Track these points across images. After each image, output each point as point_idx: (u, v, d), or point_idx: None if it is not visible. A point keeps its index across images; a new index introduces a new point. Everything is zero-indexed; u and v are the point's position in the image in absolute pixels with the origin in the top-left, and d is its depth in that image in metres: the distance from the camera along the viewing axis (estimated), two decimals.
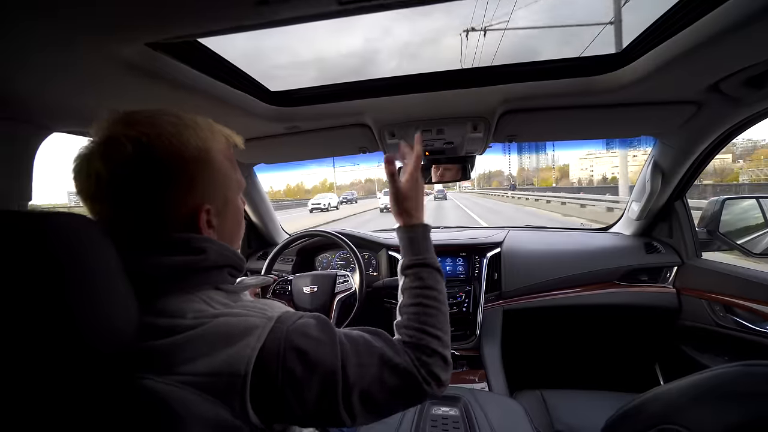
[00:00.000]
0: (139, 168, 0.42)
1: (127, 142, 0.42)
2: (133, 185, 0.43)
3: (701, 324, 1.29)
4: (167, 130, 0.44)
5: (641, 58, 0.79)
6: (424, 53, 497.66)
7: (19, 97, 0.66)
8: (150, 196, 0.44)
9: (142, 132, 0.43)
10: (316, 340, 0.44)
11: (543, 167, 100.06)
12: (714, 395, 0.40)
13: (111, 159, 0.42)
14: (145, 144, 0.42)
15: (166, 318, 0.41)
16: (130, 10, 0.46)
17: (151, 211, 0.44)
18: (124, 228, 0.44)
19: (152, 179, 0.43)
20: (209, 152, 0.48)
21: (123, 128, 0.43)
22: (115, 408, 0.36)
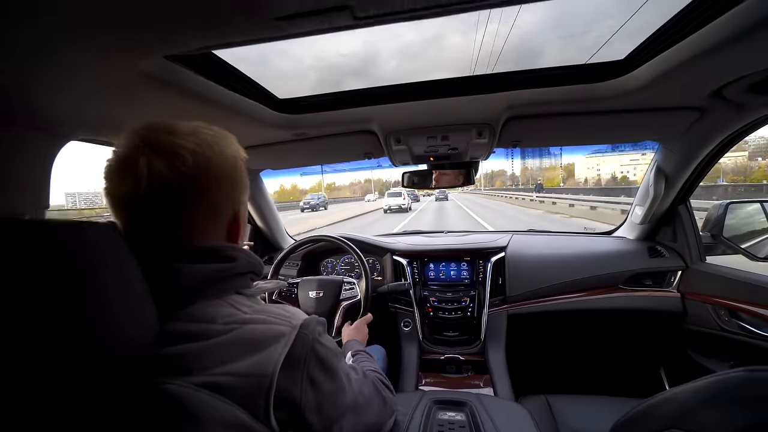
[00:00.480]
0: (200, 176, 0.45)
1: (185, 152, 0.44)
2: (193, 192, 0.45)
3: (706, 329, 1.29)
4: (212, 141, 0.47)
5: (644, 66, 0.80)
6: (428, 53, 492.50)
7: (38, 105, 0.67)
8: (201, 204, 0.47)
9: (195, 143, 0.45)
10: (330, 349, 0.49)
11: (546, 167, 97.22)
12: (719, 400, 0.40)
13: (175, 167, 0.44)
14: (201, 154, 0.45)
15: (196, 323, 0.43)
16: (151, 26, 0.48)
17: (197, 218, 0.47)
18: (162, 235, 0.45)
19: (207, 187, 0.46)
20: (240, 161, 0.52)
21: (175, 138, 0.45)
22: (133, 413, 0.37)
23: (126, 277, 0.37)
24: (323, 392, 0.46)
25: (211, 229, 0.49)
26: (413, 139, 1.14)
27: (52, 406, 0.32)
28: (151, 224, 0.45)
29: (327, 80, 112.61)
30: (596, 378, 1.59)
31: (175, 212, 0.45)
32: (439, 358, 1.45)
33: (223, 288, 0.47)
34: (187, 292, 0.44)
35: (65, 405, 0.33)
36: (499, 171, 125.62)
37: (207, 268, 0.45)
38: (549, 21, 62.12)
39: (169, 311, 0.42)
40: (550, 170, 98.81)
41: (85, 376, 0.33)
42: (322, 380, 0.46)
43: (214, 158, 0.46)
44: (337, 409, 0.49)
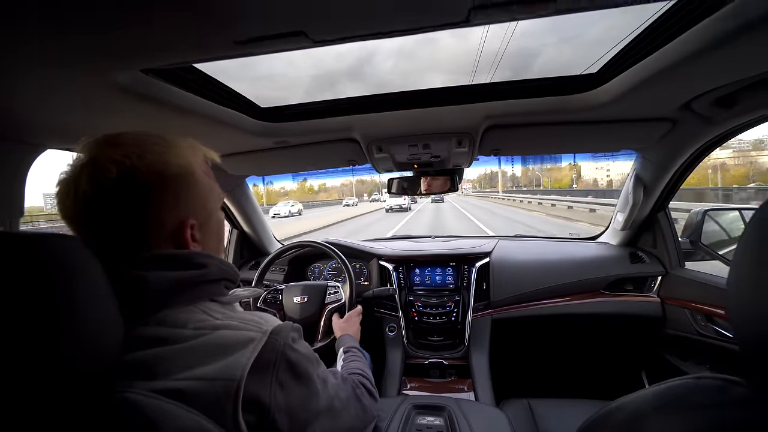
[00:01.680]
0: (124, 188, 0.45)
1: (111, 165, 0.44)
2: (119, 204, 0.45)
3: (684, 333, 1.31)
4: (150, 150, 0.47)
5: (615, 79, 0.82)
6: (421, 53, 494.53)
7: (14, 116, 0.68)
8: (136, 214, 0.46)
9: (125, 154, 0.45)
10: (303, 354, 0.50)
11: (549, 167, 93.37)
12: (669, 406, 0.42)
13: (97, 181, 0.44)
14: (128, 165, 0.45)
15: (167, 328, 0.43)
16: (126, 41, 0.49)
17: (138, 227, 0.46)
18: (112, 246, 0.45)
19: (136, 198, 0.46)
20: (190, 167, 0.51)
21: (108, 150, 0.45)
22: (96, 421, 0.37)
23: (94, 285, 0.38)
24: (294, 396, 0.47)
25: (155, 240, 0.48)
26: (395, 147, 1.15)
27: (24, 415, 0.33)
28: (99, 238, 0.45)
29: (320, 84, 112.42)
30: (579, 382, 1.61)
31: (110, 226, 0.46)
32: (423, 362, 1.46)
33: (194, 295, 0.48)
34: (156, 297, 0.44)
35: (30, 414, 0.33)
36: (497, 173, 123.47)
37: (175, 275, 0.45)
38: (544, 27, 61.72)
39: (137, 317, 0.43)
40: (557, 170, 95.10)
41: (57, 387, 0.34)
42: (292, 385, 0.47)
43: (146, 169, 0.45)
44: (310, 414, 0.49)
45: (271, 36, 0.45)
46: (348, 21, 0.45)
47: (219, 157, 0.58)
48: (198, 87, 0.76)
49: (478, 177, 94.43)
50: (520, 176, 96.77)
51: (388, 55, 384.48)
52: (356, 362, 0.84)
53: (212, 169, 0.58)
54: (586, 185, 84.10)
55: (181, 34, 0.46)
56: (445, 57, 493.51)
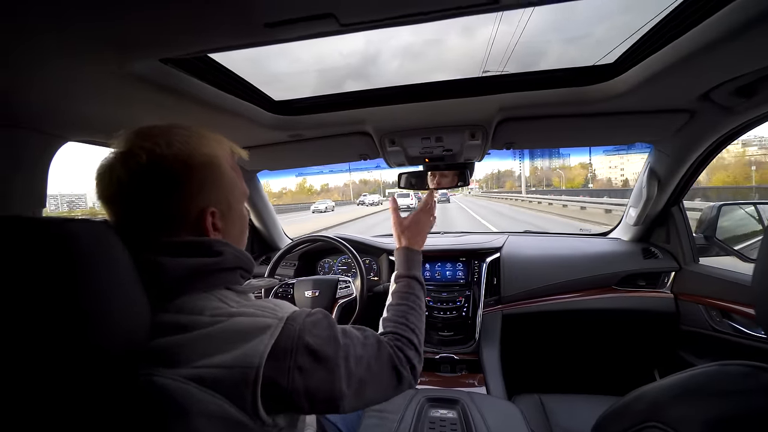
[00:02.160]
0: (152, 174, 0.47)
1: (141, 152, 0.47)
2: (147, 189, 0.47)
3: (698, 329, 1.30)
4: (177, 140, 0.49)
5: (632, 69, 0.82)
6: (429, 54, 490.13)
7: (36, 107, 0.69)
8: (161, 198, 0.48)
9: (155, 142, 0.48)
10: (323, 338, 0.49)
11: (556, 166, 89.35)
12: (693, 393, 0.41)
13: (129, 167, 0.47)
14: (157, 153, 0.47)
15: (186, 315, 0.44)
16: (146, 29, 0.49)
17: (164, 212, 0.48)
18: (139, 229, 0.48)
19: (163, 183, 0.48)
20: (216, 159, 0.52)
21: (139, 140, 0.48)
22: (124, 404, 0.38)
23: (119, 269, 0.38)
24: (315, 380, 0.47)
25: (178, 225, 0.49)
26: (407, 140, 1.15)
27: (50, 398, 0.33)
28: (128, 221, 0.48)
29: (328, 81, 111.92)
30: (590, 378, 1.60)
31: (139, 209, 0.48)
32: (433, 357, 1.46)
33: (211, 282, 0.48)
34: (174, 284, 0.45)
35: (61, 397, 0.34)
36: (507, 171, 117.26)
37: (192, 262, 0.47)
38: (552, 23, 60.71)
39: (158, 303, 0.44)
40: (566, 170, 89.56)
41: (83, 370, 0.34)
42: (313, 369, 0.47)
43: (172, 157, 0.48)
44: (334, 393, 0.49)
45: (301, 18, 0.45)
46: (376, 3, 0.45)
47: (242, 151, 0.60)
48: (215, 78, 0.76)
49: (485, 176, 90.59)
50: (528, 176, 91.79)
51: (394, 54, 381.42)
52: (406, 307, 0.68)
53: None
54: (600, 185, 78.66)
55: (208, 20, 0.47)
56: (451, 57, 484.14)
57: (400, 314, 0.67)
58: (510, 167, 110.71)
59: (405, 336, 0.63)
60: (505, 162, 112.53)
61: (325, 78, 75.67)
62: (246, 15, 0.45)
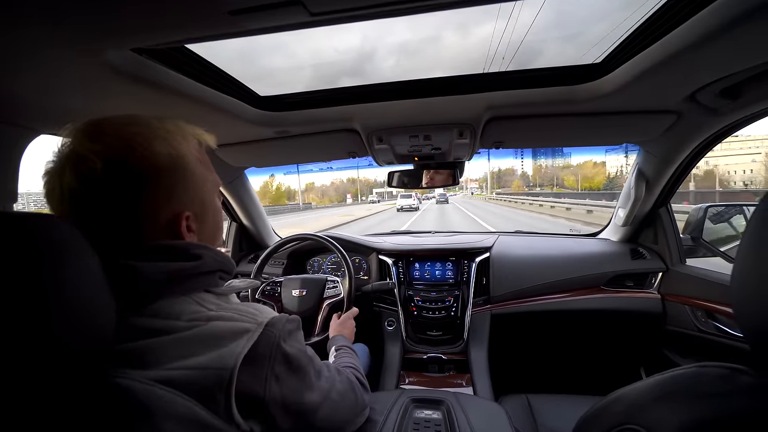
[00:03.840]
0: (111, 182, 0.42)
1: (96, 159, 0.41)
2: (107, 199, 0.43)
3: (684, 329, 1.31)
4: (136, 142, 0.43)
5: (619, 69, 0.81)
6: (425, 51, 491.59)
7: (8, 99, 0.67)
8: (127, 208, 0.44)
9: (110, 146, 0.42)
10: (298, 348, 0.49)
11: (560, 164, 77.86)
12: (671, 395, 0.41)
13: (81, 174, 0.41)
14: (115, 159, 0.42)
15: (161, 319, 0.42)
16: (111, 17, 0.47)
17: (130, 221, 0.44)
18: (104, 238, 0.43)
19: (126, 192, 0.43)
20: (182, 158, 0.48)
21: (89, 143, 0.42)
22: (89, 405, 0.37)
23: (87, 268, 0.37)
24: (290, 389, 0.46)
25: (148, 232, 0.45)
26: (395, 138, 1.14)
27: (18, 398, 0.32)
28: (88, 230, 0.41)
29: (322, 78, 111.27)
30: (578, 378, 1.61)
31: (100, 218, 0.43)
32: (421, 357, 1.45)
33: (189, 286, 0.46)
34: (150, 289, 0.43)
35: (30, 397, 0.33)
36: (508, 170, 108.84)
37: (169, 266, 0.44)
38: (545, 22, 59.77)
39: (131, 307, 0.42)
40: (580, 167, 75.79)
41: (44, 366, 0.33)
42: (288, 378, 0.46)
43: (134, 161, 0.43)
44: (306, 406, 0.49)
45: (266, 6, 0.43)
46: None
47: (217, 146, 0.57)
48: (195, 71, 0.74)
49: (483, 175, 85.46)
50: (532, 174, 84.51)
51: (390, 51, 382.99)
52: (347, 358, 0.84)
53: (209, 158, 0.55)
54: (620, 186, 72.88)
55: (171, 6, 0.45)
56: (448, 56, 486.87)
57: (345, 362, 0.81)
58: (510, 165, 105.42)
59: (356, 368, 0.77)
60: (506, 161, 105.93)
61: (319, 74, 74.68)
62: (209, 1, 0.43)
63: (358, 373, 0.73)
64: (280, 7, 0.44)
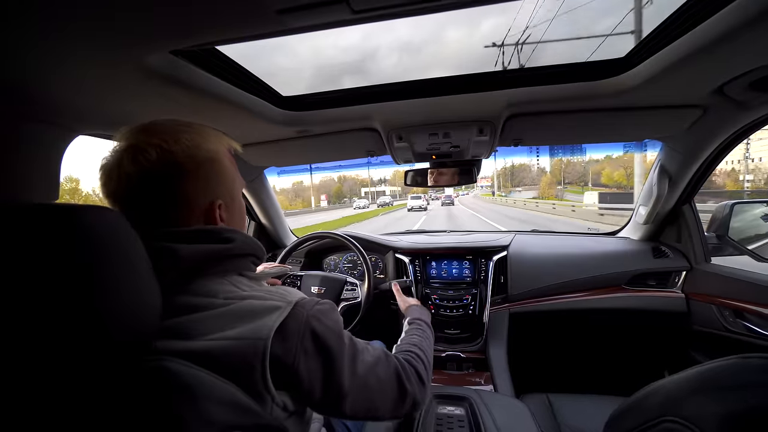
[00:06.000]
0: (162, 169, 0.49)
1: (150, 148, 0.48)
2: (158, 183, 0.49)
3: (711, 329, 1.28)
4: (183, 137, 0.51)
5: (644, 63, 0.80)
6: (427, 50, 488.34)
7: (49, 100, 0.70)
8: (172, 192, 0.50)
9: (162, 139, 0.49)
10: (328, 327, 0.51)
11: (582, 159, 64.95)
12: (710, 387, 0.41)
13: (138, 162, 0.48)
14: (166, 149, 0.49)
15: (202, 297, 0.47)
16: (158, 20, 0.49)
17: (173, 205, 0.50)
18: (149, 222, 0.49)
19: (173, 177, 0.50)
20: (218, 155, 0.55)
21: (145, 137, 0.49)
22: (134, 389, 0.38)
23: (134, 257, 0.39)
24: (316, 367, 0.48)
25: (187, 217, 0.51)
26: (415, 136, 1.15)
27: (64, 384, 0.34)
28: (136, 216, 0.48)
29: (327, 76, 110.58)
30: (599, 378, 1.58)
31: (148, 204, 0.49)
32: (440, 355, 1.46)
33: (224, 268, 0.51)
34: (190, 268, 0.47)
35: (73, 384, 0.35)
36: (521, 166, 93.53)
37: (205, 248, 0.49)
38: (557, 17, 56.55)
39: (174, 286, 0.46)
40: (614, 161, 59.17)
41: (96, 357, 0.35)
42: (316, 355, 0.48)
43: (180, 152, 0.49)
44: (333, 389, 0.50)
45: (313, 4, 0.45)
46: None
47: (241, 147, 0.62)
48: (225, 72, 0.77)
49: (498, 172, 77.53)
50: (551, 170, 74.15)
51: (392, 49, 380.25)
52: (417, 337, 0.78)
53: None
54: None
55: (220, 8, 0.47)
56: (449, 53, 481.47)
57: (413, 341, 0.76)
58: (524, 162, 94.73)
59: (416, 353, 0.69)
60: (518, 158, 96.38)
61: (322, 71, 74.39)
62: (258, 1, 0.45)
63: (418, 362, 0.66)
64: (326, 5, 0.46)
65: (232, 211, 0.58)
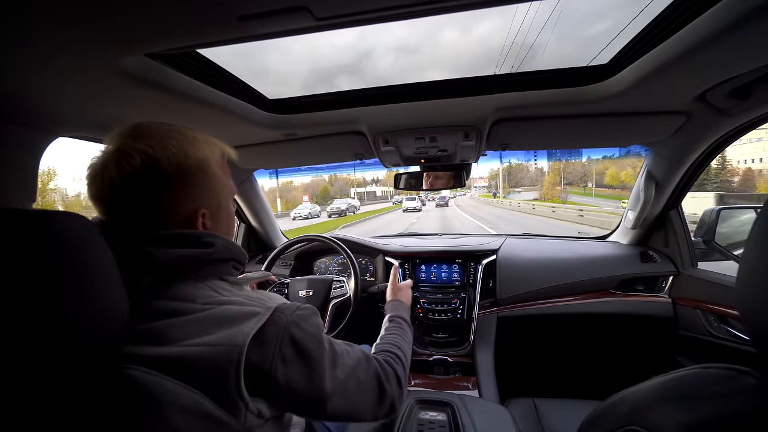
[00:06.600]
0: (146, 175, 0.48)
1: (135, 154, 0.48)
2: (139, 190, 0.48)
3: (696, 334, 1.28)
4: (170, 143, 0.50)
5: (626, 69, 0.81)
6: (423, 50, 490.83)
7: (28, 103, 0.69)
8: (154, 199, 0.49)
9: (148, 144, 0.48)
10: (309, 333, 0.51)
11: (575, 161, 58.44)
12: (675, 396, 0.41)
13: (122, 167, 0.48)
14: (151, 155, 0.48)
15: (179, 302, 0.46)
16: (129, 25, 0.49)
17: (155, 211, 0.50)
18: (130, 226, 0.49)
19: (156, 184, 0.49)
20: (206, 162, 0.54)
21: (132, 141, 0.49)
22: (99, 395, 0.38)
23: (105, 262, 0.39)
24: (296, 373, 0.48)
25: (170, 222, 0.51)
26: (401, 140, 1.15)
27: (34, 388, 0.34)
28: (118, 220, 0.50)
29: (321, 75, 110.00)
30: (587, 382, 1.58)
31: (130, 209, 0.49)
32: (427, 359, 1.45)
33: (204, 272, 0.51)
34: (165, 273, 0.47)
35: (45, 388, 0.35)
36: (519, 166, 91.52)
37: (182, 252, 0.48)
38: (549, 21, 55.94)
39: (151, 291, 0.46)
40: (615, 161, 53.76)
41: (65, 359, 0.35)
42: (295, 361, 0.48)
43: (166, 160, 0.49)
44: (314, 394, 0.50)
45: (274, 11, 0.45)
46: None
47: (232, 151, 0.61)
48: (206, 75, 0.76)
49: (490, 173, 76.01)
50: (549, 171, 70.23)
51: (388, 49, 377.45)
52: (396, 336, 0.78)
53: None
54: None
55: (182, 13, 0.47)
56: (446, 54, 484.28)
57: (391, 340, 0.76)
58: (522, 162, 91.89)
59: (395, 354, 0.70)
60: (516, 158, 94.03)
61: (317, 72, 74.61)
62: (218, 8, 0.45)
63: (397, 363, 0.68)
64: (287, 12, 0.45)
65: (218, 219, 0.57)
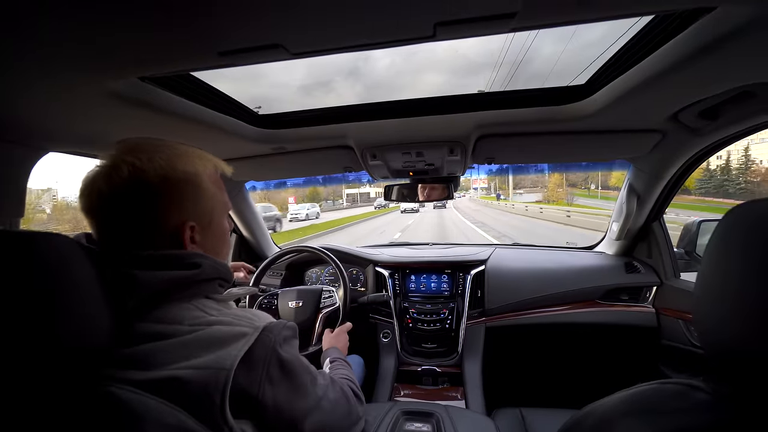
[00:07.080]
0: (133, 186, 0.48)
1: (123, 165, 0.48)
2: (127, 201, 0.49)
3: (678, 344, 1.31)
4: (157, 156, 0.50)
5: (602, 90, 0.84)
6: (419, 55, 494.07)
7: (19, 121, 0.71)
8: (141, 210, 0.49)
9: (137, 157, 0.49)
10: (293, 354, 0.52)
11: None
12: (638, 410, 0.42)
13: (110, 179, 0.48)
14: (138, 167, 0.48)
15: (165, 324, 0.46)
16: (122, 51, 0.52)
17: (142, 224, 0.50)
18: (119, 242, 0.49)
19: (143, 196, 0.49)
20: (196, 176, 0.54)
21: (122, 154, 0.49)
22: (82, 413, 0.39)
23: (85, 279, 0.40)
24: (282, 393, 0.49)
25: (156, 238, 0.50)
26: (389, 154, 1.17)
27: (18, 403, 0.35)
28: (108, 234, 0.50)
29: (316, 79, 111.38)
30: (573, 392, 1.60)
31: (118, 222, 0.49)
32: (416, 369, 1.46)
33: (190, 292, 0.50)
34: (150, 296, 0.47)
35: (29, 403, 0.36)
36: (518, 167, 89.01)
37: (168, 275, 0.48)
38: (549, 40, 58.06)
39: (137, 313, 0.46)
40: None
41: (49, 375, 0.36)
42: (281, 382, 0.49)
43: (152, 171, 0.49)
44: (298, 411, 0.51)
45: (250, 48, 0.48)
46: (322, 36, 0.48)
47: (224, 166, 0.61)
48: (196, 94, 0.79)
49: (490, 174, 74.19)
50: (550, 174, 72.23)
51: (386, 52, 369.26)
52: (342, 370, 0.85)
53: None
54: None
55: (169, 46, 0.49)
56: (443, 58, 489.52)
57: (339, 372, 0.82)
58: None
59: (348, 377, 0.77)
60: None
61: (313, 76, 75.04)
62: (200, 45, 0.48)
63: (352, 385, 0.75)
64: (263, 49, 0.48)
65: (208, 235, 0.56)
